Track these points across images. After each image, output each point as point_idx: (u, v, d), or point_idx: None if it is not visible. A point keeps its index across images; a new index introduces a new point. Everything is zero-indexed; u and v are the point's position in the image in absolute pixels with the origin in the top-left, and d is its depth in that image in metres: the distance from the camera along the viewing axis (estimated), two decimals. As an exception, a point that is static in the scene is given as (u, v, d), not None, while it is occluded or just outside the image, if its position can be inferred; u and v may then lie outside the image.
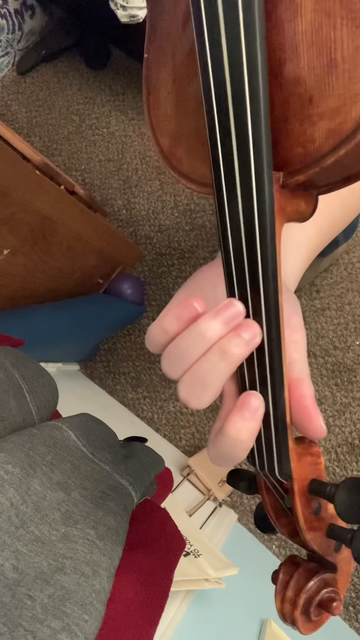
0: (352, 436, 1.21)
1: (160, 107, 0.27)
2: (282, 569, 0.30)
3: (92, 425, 0.50)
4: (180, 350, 0.24)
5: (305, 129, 0.21)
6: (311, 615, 0.28)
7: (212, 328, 0.23)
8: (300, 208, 0.24)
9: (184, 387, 0.24)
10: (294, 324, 0.29)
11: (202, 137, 0.25)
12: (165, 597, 0.42)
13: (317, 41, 0.20)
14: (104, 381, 1.38)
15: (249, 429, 0.24)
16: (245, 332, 0.23)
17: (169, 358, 0.25)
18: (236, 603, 0.82)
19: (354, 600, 1.11)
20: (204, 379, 0.24)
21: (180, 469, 1.20)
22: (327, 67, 0.20)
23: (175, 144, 0.27)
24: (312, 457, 0.28)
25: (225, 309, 0.23)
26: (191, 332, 0.24)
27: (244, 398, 0.24)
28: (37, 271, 1.02)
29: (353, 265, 1.30)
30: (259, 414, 0.24)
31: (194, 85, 0.25)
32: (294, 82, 0.21)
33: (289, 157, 0.22)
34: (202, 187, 0.26)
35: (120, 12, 1.05)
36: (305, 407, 0.27)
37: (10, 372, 0.48)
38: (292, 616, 0.28)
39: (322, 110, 0.20)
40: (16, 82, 1.66)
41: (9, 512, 0.34)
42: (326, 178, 0.23)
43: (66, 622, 0.30)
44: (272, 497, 0.31)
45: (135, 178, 1.49)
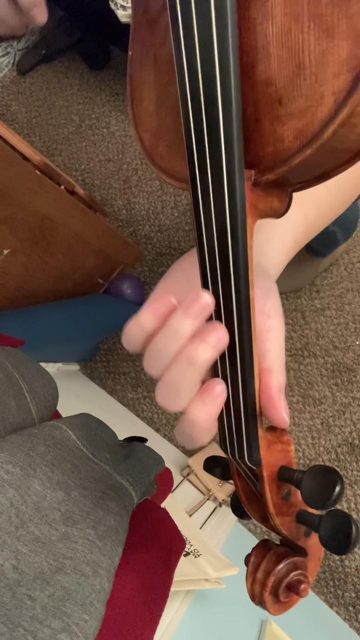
0: (352, 436, 1.21)
1: (143, 103, 0.28)
2: (253, 552, 0.31)
3: (92, 425, 0.50)
4: (158, 348, 0.25)
5: (275, 128, 0.22)
6: (280, 596, 0.30)
7: (183, 323, 0.24)
8: (273, 205, 0.25)
9: (159, 394, 0.25)
10: (268, 310, 0.30)
11: (181, 134, 0.26)
12: (165, 597, 0.42)
13: (287, 44, 0.20)
14: (104, 381, 1.38)
15: (206, 413, 0.25)
16: (210, 336, 0.24)
17: (148, 358, 0.25)
18: (236, 603, 0.82)
19: (354, 600, 1.11)
20: (175, 385, 0.24)
21: (180, 469, 1.20)
22: (296, 69, 0.20)
23: (157, 140, 0.28)
24: (282, 445, 0.29)
25: (194, 302, 0.24)
26: (165, 332, 0.24)
27: (208, 384, 0.25)
28: (37, 271, 1.02)
29: (353, 265, 1.30)
30: (219, 401, 0.25)
31: (173, 84, 0.26)
32: (265, 83, 0.21)
33: (260, 155, 0.22)
34: (180, 182, 0.27)
35: (120, 12, 1.05)
36: (270, 397, 0.27)
37: (10, 372, 0.48)
38: (261, 597, 0.30)
39: (290, 110, 0.21)
40: (16, 82, 1.66)
41: (9, 512, 0.34)
42: (297, 176, 0.24)
43: (66, 622, 0.30)
44: (244, 483, 0.32)
45: (135, 178, 1.49)
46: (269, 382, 0.28)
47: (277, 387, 0.27)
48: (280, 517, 0.29)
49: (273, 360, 0.28)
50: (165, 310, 0.25)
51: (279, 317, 0.30)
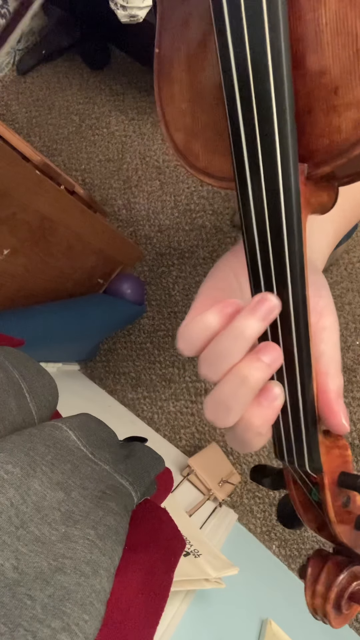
0: (352, 436, 1.21)
1: (174, 102, 0.27)
2: (310, 563, 0.30)
3: (92, 425, 0.50)
4: (220, 351, 0.23)
5: (330, 119, 0.21)
6: (342, 608, 0.28)
7: (250, 326, 0.23)
8: (323, 200, 0.24)
9: (209, 410, 0.24)
10: (321, 308, 0.28)
11: (220, 130, 0.24)
12: (165, 597, 0.42)
13: (343, 32, 0.20)
14: (104, 381, 1.38)
15: (262, 415, 0.24)
16: (265, 355, 0.23)
17: (209, 361, 0.24)
18: (236, 603, 0.82)
19: (354, 600, 1.10)
20: (226, 402, 0.23)
21: (180, 469, 1.20)
22: (353, 57, 0.19)
23: (191, 140, 0.26)
24: (339, 450, 0.28)
25: (261, 303, 0.23)
26: (230, 331, 0.23)
27: (267, 386, 0.24)
28: (37, 271, 1.02)
29: (353, 265, 1.30)
30: (277, 404, 0.24)
31: (209, 79, 0.25)
32: (318, 73, 0.21)
33: (314, 148, 0.22)
34: (222, 182, 0.26)
35: (120, 12, 1.05)
36: (328, 402, 0.26)
37: (10, 372, 0.48)
38: (324, 610, 0.28)
39: (348, 100, 0.20)
40: (16, 82, 1.66)
41: (9, 512, 0.34)
42: (350, 168, 0.23)
43: (66, 622, 0.30)
44: (300, 492, 0.30)
45: (135, 178, 1.49)
46: (326, 386, 0.26)
47: (334, 391, 0.26)
48: (341, 525, 0.28)
49: (328, 362, 0.27)
50: (232, 311, 0.24)
51: (332, 315, 0.28)
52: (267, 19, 0.19)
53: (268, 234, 0.23)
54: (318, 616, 0.29)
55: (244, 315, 0.23)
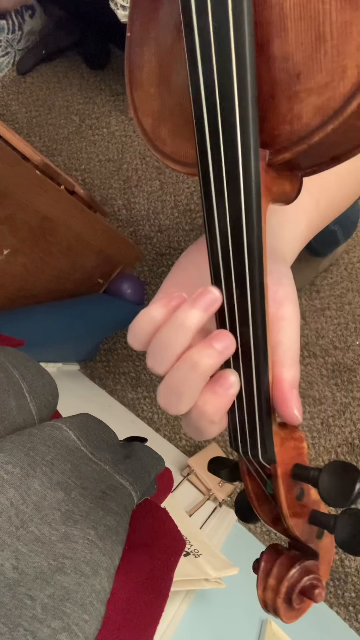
0: (352, 436, 1.21)
1: (143, 86, 0.27)
2: (263, 557, 0.30)
3: (92, 425, 0.50)
4: (163, 342, 0.24)
5: (292, 105, 0.21)
6: (293, 603, 0.28)
7: (191, 316, 0.23)
8: (285, 188, 0.24)
9: (161, 396, 0.24)
10: (281, 297, 0.28)
11: (186, 115, 0.24)
12: (165, 597, 0.42)
13: (306, 15, 0.19)
14: (104, 381, 1.38)
15: (216, 403, 0.24)
16: (217, 342, 0.23)
17: (153, 353, 0.24)
18: (236, 603, 0.82)
19: (354, 600, 1.11)
20: (177, 388, 0.23)
21: (180, 469, 1.20)
22: (316, 42, 0.19)
23: (159, 124, 0.27)
24: (295, 442, 0.28)
25: (201, 295, 0.23)
26: (171, 323, 0.23)
27: (221, 374, 0.24)
28: (37, 271, 1.02)
29: (353, 265, 1.30)
30: (231, 392, 0.24)
31: (177, 63, 0.25)
32: (281, 58, 0.21)
33: (276, 134, 0.21)
34: (186, 167, 0.26)
35: (120, 12, 1.05)
36: (282, 392, 0.26)
37: (10, 372, 0.48)
38: (274, 604, 0.28)
39: (310, 86, 0.20)
40: (16, 82, 1.66)
41: (9, 512, 0.34)
42: (312, 158, 0.23)
43: (66, 622, 0.30)
44: (255, 484, 0.30)
45: (135, 178, 1.49)
46: (281, 376, 0.26)
47: (288, 381, 0.26)
48: (294, 519, 0.28)
49: (285, 352, 0.27)
50: (176, 304, 0.24)
51: (292, 305, 0.28)
52: (230, 2, 0.19)
53: (227, 219, 0.23)
54: (269, 610, 0.29)
55: (185, 306, 0.23)
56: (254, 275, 0.23)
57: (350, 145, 0.22)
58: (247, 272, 0.23)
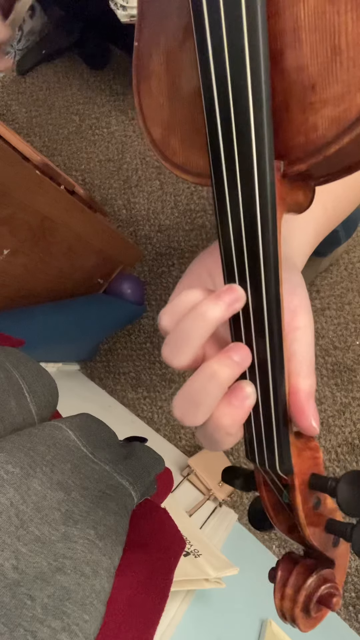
0: (352, 436, 1.21)
1: (152, 96, 0.27)
2: (280, 566, 0.29)
3: (92, 425, 0.50)
4: (181, 330, 0.23)
5: (307, 117, 0.20)
6: (311, 612, 0.28)
7: (212, 308, 0.23)
8: (299, 198, 0.24)
9: (178, 407, 0.24)
10: (295, 306, 0.28)
11: (198, 125, 0.24)
12: (165, 597, 0.42)
13: (321, 27, 0.19)
14: (104, 381, 1.38)
15: (232, 416, 0.24)
16: (235, 354, 0.23)
17: (170, 341, 0.24)
18: (236, 603, 0.82)
19: (354, 600, 1.10)
20: (195, 398, 0.23)
21: (180, 469, 1.20)
22: (331, 54, 0.19)
23: (169, 134, 0.26)
24: (311, 452, 0.28)
25: (227, 292, 0.23)
26: (193, 313, 0.23)
27: (237, 384, 0.24)
28: (37, 271, 1.02)
29: (353, 265, 1.30)
30: (248, 404, 0.24)
31: (188, 73, 0.25)
32: (296, 69, 0.20)
33: (290, 145, 0.21)
34: (198, 177, 0.25)
35: (120, 12, 1.05)
36: (299, 403, 0.26)
37: (10, 372, 0.48)
38: (292, 614, 0.28)
39: (325, 97, 0.20)
40: (16, 82, 1.66)
41: (9, 512, 0.34)
42: (326, 168, 0.23)
43: (66, 622, 0.30)
44: (271, 493, 0.30)
45: (135, 178, 1.49)
46: (297, 386, 0.26)
47: (305, 391, 0.26)
48: (311, 528, 0.28)
49: (301, 362, 0.27)
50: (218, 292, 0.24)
51: (307, 314, 0.28)
52: (245, 13, 0.19)
53: (243, 230, 0.22)
54: (287, 620, 0.29)
55: (209, 299, 0.23)
56: (270, 286, 0.23)
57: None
58: (263, 283, 0.23)
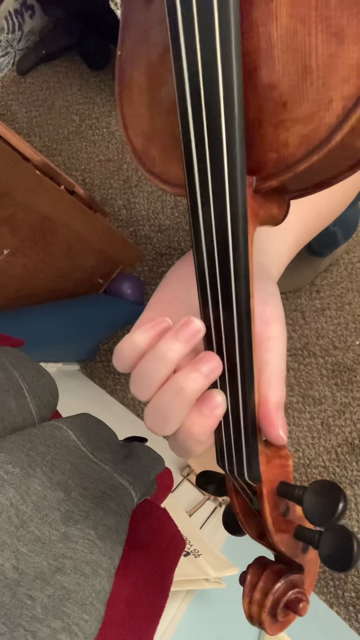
0: (352, 436, 1.21)
1: (133, 105, 0.27)
2: (249, 571, 0.30)
3: (92, 425, 0.50)
4: (145, 372, 0.24)
5: (279, 134, 0.21)
6: (278, 616, 0.28)
7: (172, 349, 0.23)
8: (272, 212, 0.24)
9: (147, 419, 0.24)
10: (268, 316, 0.28)
11: (176, 137, 0.24)
12: (165, 597, 0.42)
13: (292, 47, 0.20)
14: (104, 381, 1.38)
15: (202, 424, 0.24)
16: (203, 365, 0.23)
17: (135, 381, 0.25)
18: (236, 603, 0.82)
19: (354, 600, 1.11)
20: (163, 412, 0.24)
21: (180, 469, 1.20)
22: (302, 73, 0.20)
23: (149, 144, 0.26)
24: (280, 460, 0.28)
25: (184, 327, 0.23)
26: (153, 355, 0.24)
27: (207, 393, 0.24)
28: (37, 271, 1.02)
29: (353, 265, 1.30)
30: (218, 412, 0.24)
31: (168, 85, 0.25)
32: (268, 87, 0.21)
33: (262, 161, 0.22)
34: (175, 188, 0.26)
35: (120, 12, 1.05)
36: (267, 413, 0.26)
37: (10, 372, 0.48)
38: (259, 617, 0.28)
39: (296, 115, 0.20)
40: (16, 82, 1.66)
41: (9, 512, 0.34)
42: (299, 184, 0.23)
43: (66, 622, 0.30)
44: (241, 499, 0.30)
45: (135, 178, 1.49)
46: (267, 397, 0.26)
47: (274, 402, 0.26)
48: (280, 534, 0.28)
49: (271, 372, 0.27)
50: (160, 330, 0.24)
51: (279, 324, 0.28)
52: (218, 30, 0.20)
53: (214, 243, 0.23)
54: (254, 623, 0.29)
55: (168, 338, 0.23)
56: (241, 297, 0.23)
57: (336, 172, 0.22)
58: (233, 294, 0.23)
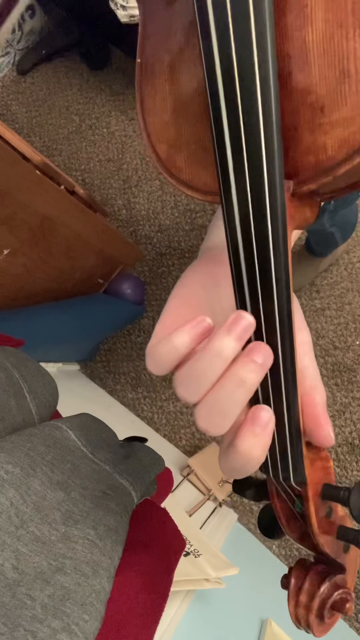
0: (352, 436, 1.21)
1: (157, 113, 0.26)
2: (293, 574, 0.30)
3: (92, 425, 0.50)
4: (198, 372, 0.23)
5: (316, 137, 0.21)
6: (325, 617, 0.29)
7: (227, 346, 0.22)
8: (306, 215, 0.24)
9: (202, 418, 0.23)
10: (298, 323, 0.28)
11: (204, 143, 0.24)
12: (165, 597, 0.42)
13: (329, 51, 0.20)
14: (104, 381, 1.38)
15: (260, 445, 0.23)
16: (257, 355, 0.23)
17: (186, 383, 0.23)
18: (236, 603, 0.82)
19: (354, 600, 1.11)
20: (222, 408, 0.23)
21: (180, 469, 1.20)
22: (340, 77, 0.19)
23: (175, 152, 0.26)
24: (322, 462, 0.28)
25: (236, 322, 0.22)
26: (207, 353, 0.23)
27: (254, 412, 0.23)
28: (37, 271, 1.02)
29: (353, 265, 1.30)
30: (270, 428, 0.24)
31: (194, 91, 0.24)
32: (304, 91, 0.21)
33: (299, 165, 0.21)
34: (205, 195, 0.25)
35: (120, 12, 1.05)
36: (316, 415, 0.26)
37: (11, 372, 0.48)
38: (307, 620, 0.28)
39: (334, 119, 0.20)
40: (16, 82, 1.66)
41: (9, 512, 0.34)
42: (335, 186, 0.23)
43: (66, 622, 0.30)
44: (283, 503, 0.30)
45: (135, 178, 1.49)
46: (314, 400, 0.26)
47: (321, 404, 0.26)
48: (324, 536, 0.28)
49: (314, 375, 0.27)
50: (202, 332, 0.23)
51: (306, 330, 0.28)
52: (255, 36, 0.19)
53: (254, 249, 0.22)
54: (301, 626, 0.29)
55: (221, 335, 0.22)
56: (282, 301, 0.23)
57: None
58: (275, 298, 0.23)
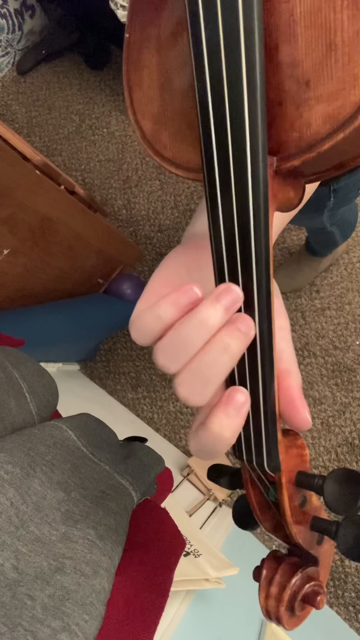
0: (352, 436, 1.21)
1: (142, 88, 0.26)
2: (264, 565, 0.29)
3: (92, 425, 0.50)
4: (181, 340, 0.22)
5: (301, 112, 0.20)
6: (295, 610, 0.28)
7: (214, 315, 0.22)
8: (289, 195, 0.23)
9: (183, 385, 0.23)
10: (276, 308, 0.28)
11: (189, 119, 0.24)
12: (165, 597, 0.42)
13: (316, 23, 0.19)
14: (104, 381, 1.38)
15: (232, 426, 0.23)
16: (242, 324, 0.22)
17: (167, 350, 0.23)
18: (236, 603, 0.82)
19: (354, 600, 1.11)
20: (205, 374, 0.22)
21: (180, 469, 1.20)
22: (326, 50, 0.19)
23: (159, 128, 0.26)
24: (297, 449, 0.28)
25: (225, 293, 0.22)
26: (192, 320, 0.22)
27: (229, 393, 0.23)
28: (37, 271, 1.02)
29: (353, 265, 1.30)
30: (244, 411, 0.23)
31: (180, 66, 0.24)
32: (290, 65, 0.20)
33: (284, 141, 0.21)
34: (188, 172, 0.25)
35: (120, 12, 1.05)
36: (292, 399, 0.26)
37: (10, 372, 0.48)
38: (277, 612, 0.28)
39: (319, 93, 0.20)
40: (16, 82, 1.66)
41: (9, 512, 0.34)
42: (319, 165, 0.22)
43: (66, 622, 0.30)
44: (257, 491, 0.30)
45: (135, 178, 1.49)
46: (290, 383, 0.26)
47: (297, 387, 0.26)
48: (297, 526, 0.28)
49: (289, 359, 0.27)
50: (188, 302, 0.23)
51: (285, 315, 0.28)
52: (241, 6, 0.19)
53: (236, 227, 0.22)
54: (272, 618, 0.29)
55: (208, 304, 0.22)
56: (261, 279, 0.22)
57: (357, 152, 0.22)
58: (254, 276, 0.22)
